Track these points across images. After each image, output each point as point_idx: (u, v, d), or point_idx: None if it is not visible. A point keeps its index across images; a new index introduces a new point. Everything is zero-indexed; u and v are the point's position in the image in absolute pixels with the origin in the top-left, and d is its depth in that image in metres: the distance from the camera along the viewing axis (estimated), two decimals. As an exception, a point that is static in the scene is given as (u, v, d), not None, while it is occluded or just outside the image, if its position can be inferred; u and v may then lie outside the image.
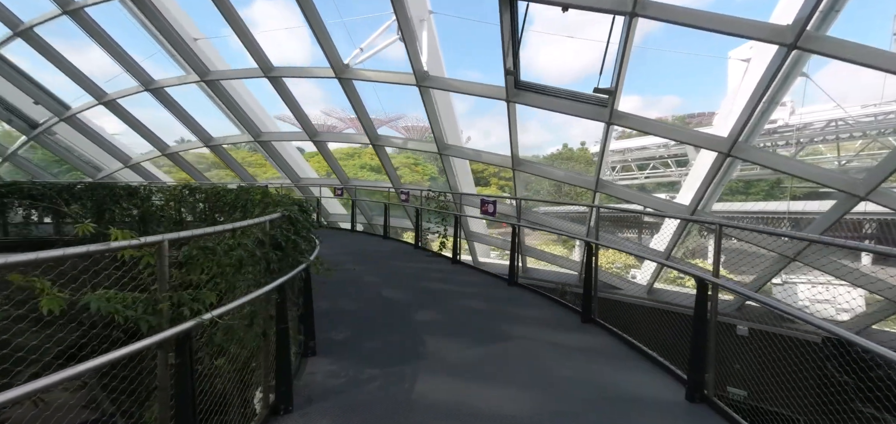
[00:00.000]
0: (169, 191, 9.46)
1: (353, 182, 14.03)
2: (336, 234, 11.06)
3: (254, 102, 13.14)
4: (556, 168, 12.97)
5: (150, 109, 14.03)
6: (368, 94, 76.40)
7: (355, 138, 12.44)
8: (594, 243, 4.58)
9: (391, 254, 8.16)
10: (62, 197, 9.44)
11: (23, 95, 12.79)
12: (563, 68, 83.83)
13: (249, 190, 7.72)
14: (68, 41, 11.52)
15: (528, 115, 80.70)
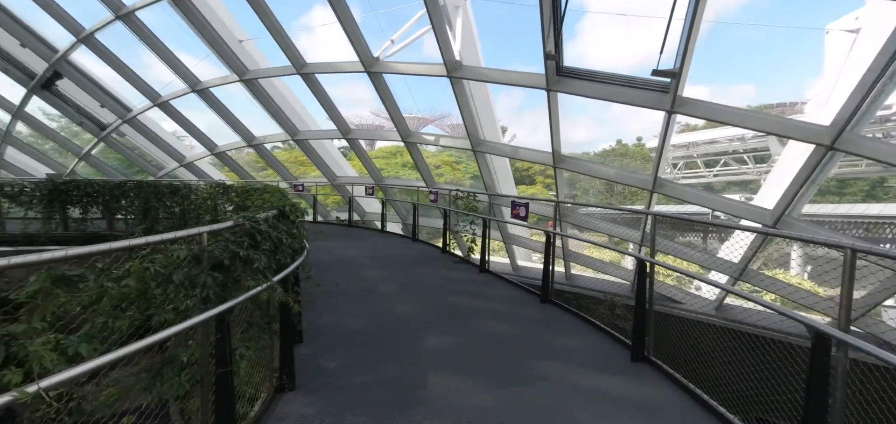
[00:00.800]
0: (206, 189, 9.61)
1: (386, 181, 13.67)
2: (366, 235, 10.70)
3: (295, 102, 13.24)
4: (606, 165, 11.64)
5: (200, 111, 14.75)
6: (402, 91, 76.66)
7: (387, 136, 12.04)
8: (649, 262, 3.59)
9: (416, 259, 7.55)
10: (113, 195, 9.96)
11: (91, 99, 13.91)
12: (617, 60, 79.02)
13: (268, 190, 7.51)
14: (126, 47, 12.27)
15: (580, 109, 76.79)
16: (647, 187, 8.38)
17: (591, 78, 7.56)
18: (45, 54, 12.18)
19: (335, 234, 10.65)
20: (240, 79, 11.49)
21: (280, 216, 3.33)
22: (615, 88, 7.32)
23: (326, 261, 7.31)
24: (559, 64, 7.50)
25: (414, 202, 9.69)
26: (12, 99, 13.92)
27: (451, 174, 37.59)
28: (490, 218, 6.75)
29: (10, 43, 12.16)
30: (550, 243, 5.12)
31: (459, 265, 7.15)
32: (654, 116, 68.14)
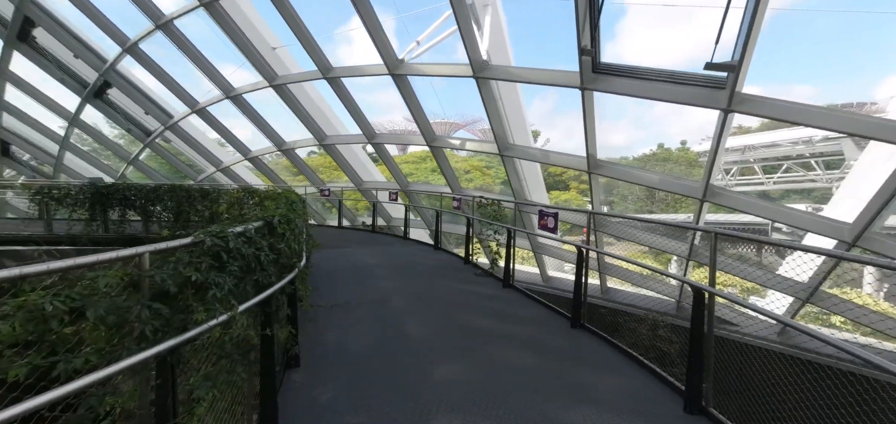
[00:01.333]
0: (233, 193, 9.68)
1: (411, 186, 13.37)
2: (389, 242, 10.39)
3: (325, 107, 13.27)
4: (648, 171, 10.65)
5: (233, 117, 15.21)
6: (430, 97, 76.48)
7: (412, 139, 11.73)
8: (707, 291, 2.91)
9: (435, 269, 7.09)
10: (149, 199, 10.29)
11: (138, 107, 14.67)
12: (658, 60, 75.05)
13: (270, 196, 7.36)
14: (167, 56, 12.78)
15: (617, 112, 73.52)
16: (696, 196, 7.46)
17: (631, 74, 6.81)
18: (95, 65, 12.95)
19: (357, 240, 10.43)
20: (270, 84, 11.62)
21: (266, 229, 2.97)
22: (660, 85, 6.53)
23: (343, 269, 7.02)
24: (595, 60, 6.82)
25: (437, 209, 9.25)
26: (69, 107, 14.95)
27: (481, 179, 36.97)
28: (515, 228, 6.16)
29: (65, 54, 13.02)
30: (583, 259, 4.49)
31: (482, 278, 6.61)
32: (700, 118, 63.94)
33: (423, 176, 35.54)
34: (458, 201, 8.60)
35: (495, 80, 8.41)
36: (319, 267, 7.18)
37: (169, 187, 10.39)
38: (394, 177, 13.23)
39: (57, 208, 10.26)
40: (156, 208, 10.32)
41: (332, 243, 9.79)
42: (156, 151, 17.16)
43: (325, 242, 10.01)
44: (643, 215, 20.10)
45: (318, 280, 6.36)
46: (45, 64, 13.35)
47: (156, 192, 10.30)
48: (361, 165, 14.99)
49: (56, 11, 11.96)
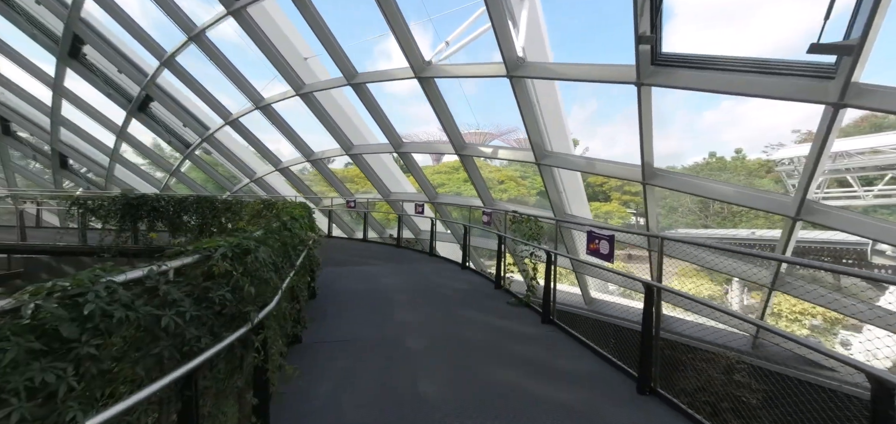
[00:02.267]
0: (253, 206, 9.33)
1: (440, 198, 12.56)
2: (413, 258, 9.58)
3: (354, 116, 12.87)
4: (722, 182, 9.03)
5: (267, 131, 15.30)
6: (460, 105, 75.52)
7: (441, 148, 10.94)
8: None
9: (462, 296, 6.15)
10: (177, 211, 10.18)
11: (176, 119, 15.04)
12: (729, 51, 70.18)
13: (261, 207, 6.79)
14: (202, 69, 12.93)
15: (663, 118, 69.23)
16: (787, 214, 6.03)
17: (704, 65, 5.59)
18: (137, 79, 13.35)
19: (381, 255, 9.71)
20: (296, 93, 11.33)
21: (198, 269, 2.18)
22: (743, 77, 5.27)
23: (357, 293, 6.26)
24: (656, 49, 5.68)
25: (465, 223, 8.33)
26: (117, 121, 15.61)
27: (516, 190, 35.62)
28: (557, 253, 5.11)
29: (110, 69, 13.55)
30: (653, 300, 3.39)
31: (516, 310, 5.59)
32: (759, 125, 58.63)
33: (454, 187, 34.79)
34: (488, 215, 7.64)
35: (531, 78, 7.44)
36: (332, 288, 6.47)
37: (195, 199, 10.24)
38: (422, 188, 12.50)
39: (91, 218, 10.39)
40: (183, 218, 10.20)
41: (352, 259, 9.13)
42: (195, 163, 17.61)
43: (346, 257, 9.37)
44: (727, 236, 17.96)
45: (327, 304, 5.62)
46: (94, 79, 13.97)
47: (183, 203, 10.18)
48: (391, 175, 14.43)
49: (101, 27, 12.43)
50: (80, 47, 13.25)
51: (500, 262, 6.62)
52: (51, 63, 13.85)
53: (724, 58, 5.54)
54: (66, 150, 18.63)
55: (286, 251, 3.67)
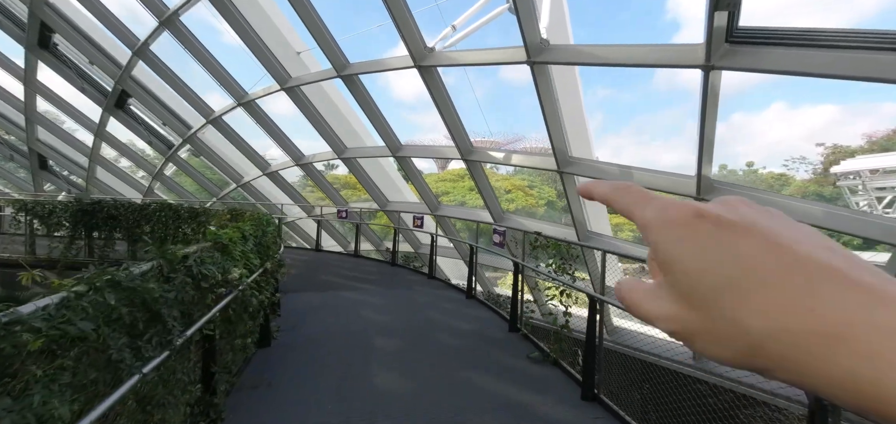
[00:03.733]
0: (221, 215, 7.94)
1: (442, 209, 11.10)
2: (410, 281, 8.09)
3: (351, 117, 11.51)
4: (806, 201, 7.50)
5: (259, 137, 14.02)
6: (471, 109, 74.07)
7: (445, 153, 9.52)
8: None
9: (467, 347, 4.64)
10: (136, 219, 8.82)
11: (155, 117, 13.77)
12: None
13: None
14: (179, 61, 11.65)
15: (662, 131, 67.53)
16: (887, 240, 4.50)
17: (800, 39, 4.11)
18: (111, 71, 12.11)
19: (371, 276, 8.23)
20: (281, 87, 9.98)
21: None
22: (863, 56, 3.79)
23: (328, 335, 4.78)
24: (736, 17, 4.21)
25: (472, 243, 6.84)
26: (95, 119, 14.38)
27: (524, 200, 34.08)
28: (604, 299, 3.61)
29: (83, 61, 12.33)
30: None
31: (542, 371, 4.07)
32: (770, 138, 56.80)
33: (459, 196, 33.39)
34: (500, 234, 6.13)
35: (559, 64, 6.00)
36: (299, 328, 4.99)
37: (158, 206, 8.87)
38: (422, 197, 11.06)
39: (40, 226, 9.04)
40: (145, 228, 8.81)
41: (336, 281, 7.66)
42: (180, 166, 16.32)
43: (330, 279, 7.91)
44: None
45: (283, 357, 4.14)
46: (67, 72, 12.78)
47: (144, 211, 8.81)
48: (390, 182, 13.02)
49: (69, 12, 11.22)
50: (50, 36, 12.06)
51: (516, 298, 5.12)
52: (20, 54, 12.68)
53: (827, 32, 4.06)
54: (45, 150, 17.44)
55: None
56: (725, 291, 0.21)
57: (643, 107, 68.76)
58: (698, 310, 0.22)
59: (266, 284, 4.16)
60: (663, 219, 0.24)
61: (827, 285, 0.19)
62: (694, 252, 0.22)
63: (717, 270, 0.21)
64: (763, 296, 0.20)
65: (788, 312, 0.19)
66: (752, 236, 0.21)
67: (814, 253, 0.20)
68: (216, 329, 2.66)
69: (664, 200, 0.25)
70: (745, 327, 0.20)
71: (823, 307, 0.18)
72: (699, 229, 0.23)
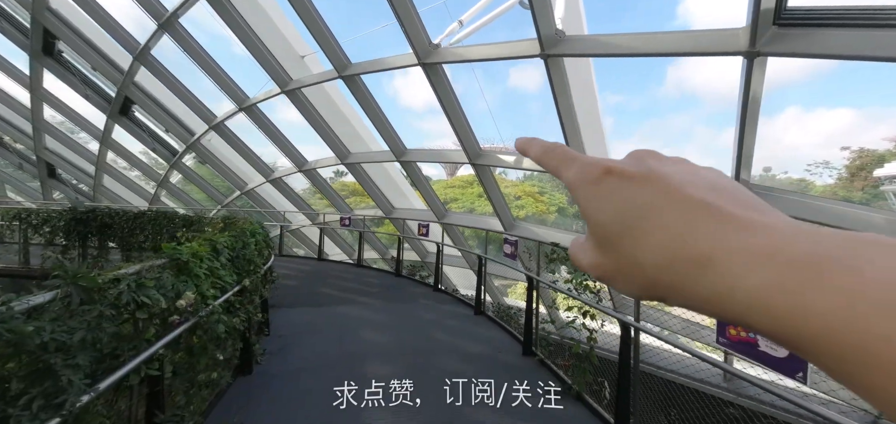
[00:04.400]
0: (216, 223, 7.54)
1: (449, 216, 10.56)
2: (414, 293, 7.56)
3: (356, 121, 11.11)
4: (859, 207, 6.76)
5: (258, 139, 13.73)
6: (483, 119, 73.34)
7: (451, 157, 9.01)
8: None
9: (477, 372, 4.06)
10: (130, 227, 8.48)
11: (159, 124, 13.58)
12: (736, 76, 67.12)
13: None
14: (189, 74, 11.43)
15: (681, 135, 66.48)
16: None
17: (863, 19, 3.50)
18: (113, 77, 11.93)
19: (373, 287, 7.71)
20: (282, 90, 9.62)
21: None
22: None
23: (326, 362, 4.25)
24: (783, 4, 3.61)
25: (481, 253, 6.28)
26: (99, 125, 14.27)
27: (534, 207, 33.33)
28: (638, 326, 3.02)
29: (85, 66, 12.21)
30: None
31: (564, 408, 3.48)
32: (787, 143, 55.18)
33: (468, 202, 32.82)
34: (511, 245, 5.56)
35: (577, 56, 5.45)
36: (288, 349, 4.48)
37: (154, 214, 8.52)
38: (429, 204, 10.55)
39: (34, 235, 8.76)
40: (140, 236, 8.47)
41: (336, 293, 7.16)
42: (185, 173, 16.12)
43: (329, 291, 7.41)
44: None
45: (266, 385, 3.62)
46: (71, 79, 12.67)
47: (139, 219, 8.47)
48: (396, 188, 12.57)
49: (70, 18, 11.08)
50: (54, 43, 11.96)
51: (531, 317, 4.53)
52: (25, 61, 12.62)
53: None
54: (53, 158, 17.45)
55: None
56: (625, 234, 0.24)
57: (652, 111, 67.40)
58: (609, 254, 0.25)
59: (246, 303, 3.67)
60: (582, 178, 0.26)
61: (702, 220, 0.21)
62: (602, 204, 0.25)
63: (619, 217, 0.24)
64: (652, 235, 0.22)
65: (670, 246, 0.22)
66: (649, 183, 0.24)
67: (696, 194, 0.22)
68: (165, 367, 2.16)
69: (585, 159, 0.27)
70: (640, 263, 0.23)
71: (696, 239, 0.21)
72: (608, 183, 0.25)
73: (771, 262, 0.18)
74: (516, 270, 5.59)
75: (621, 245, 0.24)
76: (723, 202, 0.21)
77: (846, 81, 54.26)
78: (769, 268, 0.18)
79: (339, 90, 10.41)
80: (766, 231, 0.19)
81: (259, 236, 4.76)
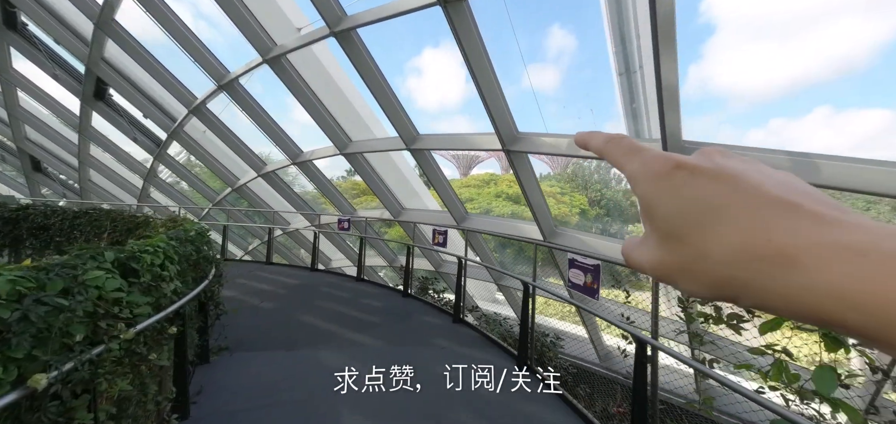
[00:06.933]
0: (162, 222, 5.69)
1: (470, 219, 8.51)
2: (424, 325, 5.53)
3: (364, 108, 9.19)
4: None
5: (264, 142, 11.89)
6: (525, 102, 71.25)
7: (474, 142, 6.96)
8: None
9: None
10: (68, 228, 6.69)
11: (138, 110, 11.91)
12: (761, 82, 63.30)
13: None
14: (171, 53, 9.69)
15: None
16: None
17: None
18: (79, 52, 10.28)
19: (372, 317, 5.69)
20: (263, 59, 7.73)
21: None
22: None
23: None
24: None
25: (527, 280, 4.20)
26: (74, 110, 12.70)
27: (556, 209, 30.93)
28: None
29: (49, 40, 10.60)
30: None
31: None
32: (813, 145, 51.13)
33: (484, 204, 30.65)
34: (587, 271, 3.43)
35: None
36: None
37: (96, 213, 6.72)
38: (445, 204, 8.52)
39: (-44, 237, 7.06)
40: (79, 239, 6.68)
41: (317, 329, 5.17)
42: (173, 168, 14.45)
43: (310, 322, 5.43)
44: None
45: None
46: (36, 56, 11.09)
47: (78, 218, 6.68)
48: (406, 184, 10.60)
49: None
50: (16, 14, 10.40)
51: (642, 408, 2.44)
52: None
53: None
54: (36, 150, 16.07)
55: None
56: (695, 230, 0.23)
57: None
58: (675, 251, 0.24)
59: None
60: (646, 171, 0.26)
61: (783, 217, 0.21)
62: (670, 199, 0.24)
63: (690, 213, 0.23)
64: (726, 232, 0.22)
65: (747, 242, 0.21)
66: (722, 179, 0.23)
67: (775, 191, 0.22)
68: None
69: (650, 152, 0.26)
70: (712, 259, 0.22)
71: (779, 236, 0.20)
72: (676, 178, 0.24)
73: (863, 258, 0.18)
74: (591, 313, 3.45)
75: (690, 242, 0.23)
76: (803, 200, 0.21)
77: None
78: (862, 264, 0.18)
79: (335, 61, 8.49)
80: (854, 229, 0.19)
81: (186, 248, 2.83)
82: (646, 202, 0.25)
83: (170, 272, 2.76)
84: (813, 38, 66.19)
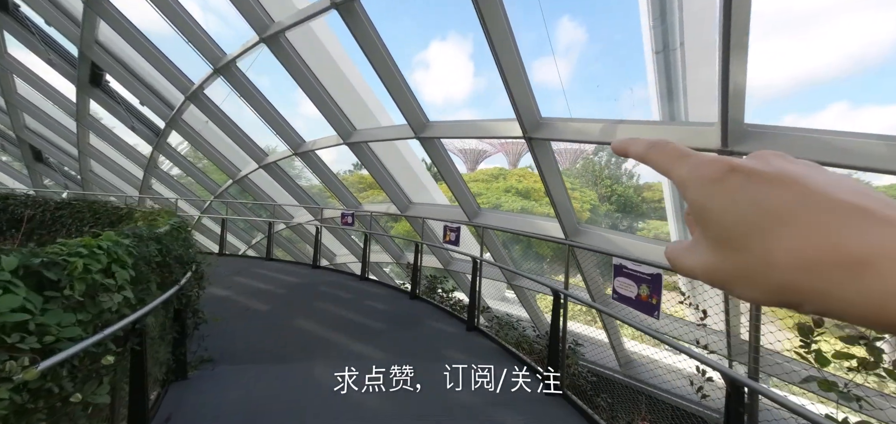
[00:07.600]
0: (147, 213, 5.14)
1: (483, 215, 7.86)
2: (435, 336, 4.92)
3: (369, 95, 8.57)
4: None
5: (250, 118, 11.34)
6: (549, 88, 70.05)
7: (491, 129, 6.28)
8: None
9: None
10: (49, 221, 6.18)
11: (135, 97, 11.41)
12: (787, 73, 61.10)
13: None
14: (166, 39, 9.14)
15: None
16: None
17: None
18: (70, 33, 9.78)
19: (375, 326, 5.09)
20: (260, 37, 7.12)
21: None
22: None
23: None
24: None
25: (559, 289, 3.56)
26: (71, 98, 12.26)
27: (567, 205, 30.05)
28: None
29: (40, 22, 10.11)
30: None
31: None
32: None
33: (493, 199, 29.90)
34: (641, 280, 2.77)
35: None
36: None
37: (79, 205, 6.20)
38: (456, 198, 7.88)
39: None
40: (61, 232, 6.18)
41: (313, 338, 4.58)
42: (174, 159, 13.97)
43: (306, 328, 4.84)
44: None
45: None
46: (30, 40, 10.63)
47: (59, 209, 6.17)
48: (414, 178, 9.99)
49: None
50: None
51: None
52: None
53: None
54: (36, 140, 15.73)
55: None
56: (755, 236, 0.22)
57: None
58: (730, 256, 0.23)
59: None
60: (698, 175, 0.25)
61: (853, 222, 0.20)
62: (726, 203, 0.23)
63: (748, 216, 0.22)
64: (790, 237, 0.21)
65: (816, 248, 0.20)
66: (783, 184, 0.22)
67: (842, 196, 0.21)
68: None
69: (699, 157, 0.26)
70: (774, 265, 0.21)
71: (849, 241, 0.19)
72: (731, 182, 0.23)
73: None
74: (652, 334, 2.79)
75: (749, 247, 0.22)
76: (872, 204, 0.20)
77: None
78: None
79: (337, 42, 7.87)
80: None
81: (147, 247, 2.25)
82: (697, 208, 0.24)
83: (119, 278, 2.17)
84: (828, 33, 64.08)
